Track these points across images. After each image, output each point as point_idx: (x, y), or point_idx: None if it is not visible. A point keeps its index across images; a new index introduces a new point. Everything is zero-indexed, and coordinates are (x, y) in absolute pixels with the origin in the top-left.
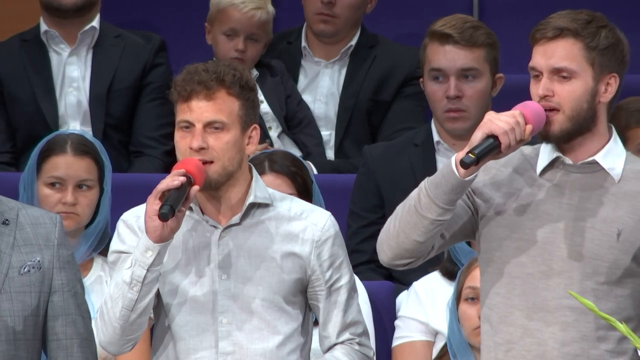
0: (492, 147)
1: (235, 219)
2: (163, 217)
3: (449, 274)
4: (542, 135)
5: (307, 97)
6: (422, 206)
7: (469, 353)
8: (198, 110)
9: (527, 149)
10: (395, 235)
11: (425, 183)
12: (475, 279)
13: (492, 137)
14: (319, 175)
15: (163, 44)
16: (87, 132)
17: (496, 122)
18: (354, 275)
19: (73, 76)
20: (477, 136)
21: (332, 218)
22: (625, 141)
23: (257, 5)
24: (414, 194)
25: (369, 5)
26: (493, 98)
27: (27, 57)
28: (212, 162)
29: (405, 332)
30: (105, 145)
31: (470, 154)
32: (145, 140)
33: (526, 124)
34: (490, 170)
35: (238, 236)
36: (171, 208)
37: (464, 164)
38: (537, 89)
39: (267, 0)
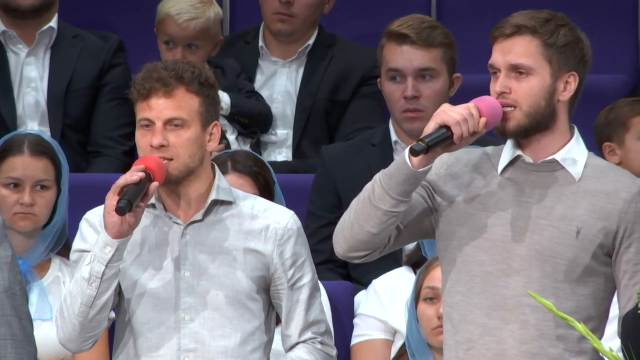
0: (444, 138)
1: (198, 215)
2: (120, 210)
3: (415, 265)
4: (499, 131)
5: (264, 96)
6: (375, 197)
7: (427, 353)
8: (157, 108)
9: (490, 149)
10: (350, 227)
11: (379, 174)
12: (433, 279)
13: (445, 127)
14: (276, 175)
15: (121, 44)
16: (45, 132)
17: (449, 113)
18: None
19: (31, 76)
20: (430, 126)
21: (295, 217)
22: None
23: (192, 15)
24: (368, 185)
25: (326, 5)
26: (451, 98)
27: None
28: (172, 159)
29: (364, 331)
30: (63, 146)
31: (420, 142)
32: (104, 141)
33: (480, 117)
34: (452, 169)
35: (200, 233)
36: (128, 202)
37: (413, 151)
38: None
39: (208, 6)
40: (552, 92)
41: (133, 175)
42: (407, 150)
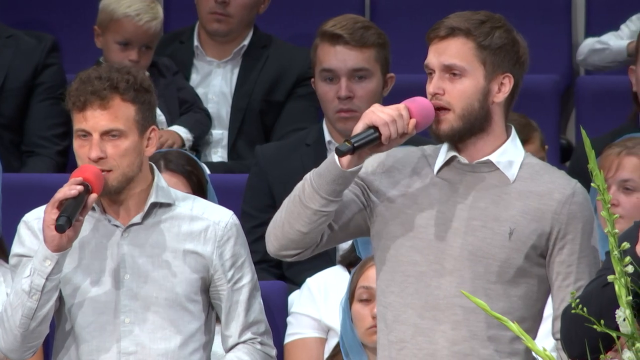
0: (372, 138)
1: (137, 218)
2: (60, 229)
3: (350, 265)
4: (433, 134)
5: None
6: (305, 196)
7: (361, 353)
8: (93, 120)
9: (429, 149)
10: (281, 226)
11: (310, 174)
12: (368, 279)
13: (373, 128)
14: (211, 175)
15: (55, 44)
16: None
17: (378, 113)
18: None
19: None
20: (359, 127)
21: (235, 217)
22: None
23: (152, 16)
24: (299, 184)
25: (262, 5)
26: (385, 98)
27: None
28: (111, 170)
29: (298, 329)
30: None
31: (346, 142)
32: (38, 140)
33: (411, 117)
34: (388, 168)
35: (140, 235)
36: (68, 219)
37: (339, 151)
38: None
39: (158, 5)
40: (485, 94)
41: (72, 189)
42: None
